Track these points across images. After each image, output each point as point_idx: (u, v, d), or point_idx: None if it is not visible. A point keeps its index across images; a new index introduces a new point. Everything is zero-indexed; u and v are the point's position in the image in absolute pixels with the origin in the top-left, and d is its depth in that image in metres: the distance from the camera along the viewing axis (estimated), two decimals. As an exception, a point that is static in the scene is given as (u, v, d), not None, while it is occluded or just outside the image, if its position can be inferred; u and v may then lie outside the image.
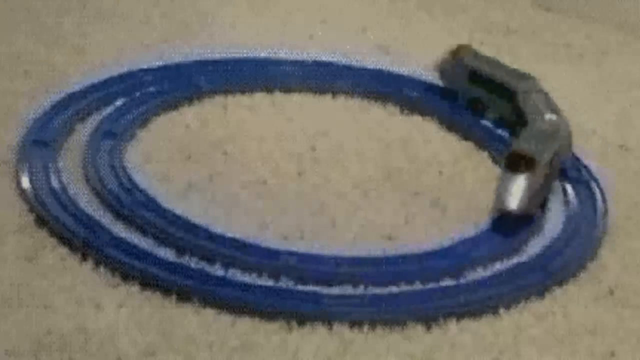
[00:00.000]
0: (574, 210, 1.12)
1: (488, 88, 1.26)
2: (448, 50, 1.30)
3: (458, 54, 1.29)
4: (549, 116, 1.17)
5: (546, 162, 1.09)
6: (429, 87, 1.33)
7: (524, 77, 1.25)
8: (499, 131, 1.25)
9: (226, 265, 0.97)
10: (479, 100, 1.27)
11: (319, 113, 1.27)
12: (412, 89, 1.32)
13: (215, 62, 1.33)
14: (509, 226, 1.07)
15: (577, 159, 1.21)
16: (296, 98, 1.29)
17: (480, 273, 1.01)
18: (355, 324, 0.92)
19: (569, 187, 1.16)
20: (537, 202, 1.09)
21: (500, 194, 1.06)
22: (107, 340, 0.87)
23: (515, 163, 1.07)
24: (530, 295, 0.98)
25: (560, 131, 1.15)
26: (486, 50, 1.46)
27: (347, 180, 1.14)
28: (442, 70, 1.31)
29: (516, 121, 1.20)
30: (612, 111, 1.36)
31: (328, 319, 0.92)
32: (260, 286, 0.96)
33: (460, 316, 0.95)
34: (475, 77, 1.27)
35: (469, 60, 1.28)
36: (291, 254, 0.99)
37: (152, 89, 1.26)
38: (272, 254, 0.99)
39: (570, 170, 1.19)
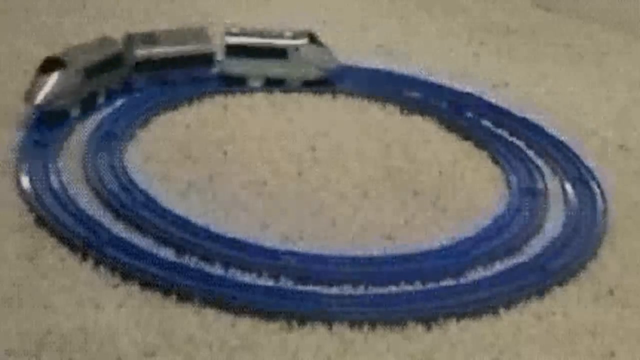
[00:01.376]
0: (574, 210, 1.12)
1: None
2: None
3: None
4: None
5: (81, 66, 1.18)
6: (429, 87, 1.33)
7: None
8: (499, 131, 1.26)
9: (226, 265, 0.97)
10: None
11: (319, 113, 1.27)
12: (412, 89, 1.33)
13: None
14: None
15: (577, 159, 1.21)
16: (296, 98, 1.29)
17: (480, 273, 1.01)
18: (355, 324, 0.92)
19: (569, 187, 1.16)
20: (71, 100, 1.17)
21: (29, 92, 1.15)
22: (107, 340, 0.87)
23: (48, 67, 1.16)
24: (530, 295, 0.98)
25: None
26: (486, 50, 1.47)
27: (347, 180, 1.14)
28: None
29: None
30: (612, 111, 1.36)
31: (328, 319, 0.92)
32: (260, 286, 0.96)
33: (460, 316, 0.94)
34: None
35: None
36: (291, 254, 1.00)
37: (152, 89, 1.26)
38: (272, 254, 0.99)
39: (571, 170, 1.19)
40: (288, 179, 1.13)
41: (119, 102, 1.22)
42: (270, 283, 0.96)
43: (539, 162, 1.20)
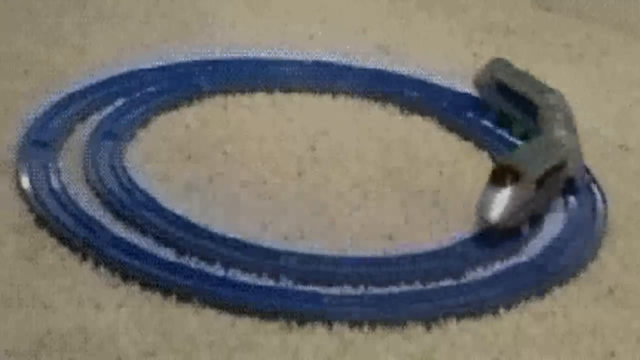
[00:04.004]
0: (574, 210, 1.12)
1: (515, 102, 1.23)
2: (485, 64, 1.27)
3: (492, 68, 1.26)
4: (557, 132, 1.14)
5: (536, 176, 1.06)
6: (429, 87, 1.33)
7: (549, 91, 1.21)
8: (499, 131, 1.25)
9: (226, 265, 0.97)
10: (506, 115, 1.24)
11: (319, 113, 1.27)
12: (412, 89, 1.33)
13: (215, 62, 1.33)
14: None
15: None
16: (296, 98, 1.29)
17: (480, 273, 1.01)
18: (355, 324, 0.92)
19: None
20: (524, 216, 1.05)
21: (483, 206, 1.04)
22: (107, 340, 0.87)
23: (501, 176, 1.04)
24: (530, 295, 0.98)
25: (561, 148, 1.12)
26: (486, 50, 1.46)
27: (347, 180, 1.14)
28: (479, 84, 1.28)
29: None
30: (612, 111, 1.36)
31: (328, 319, 0.92)
32: (260, 286, 0.96)
33: (460, 316, 0.95)
34: (504, 90, 1.23)
35: (498, 73, 1.26)
36: (291, 254, 0.99)
37: (152, 89, 1.26)
38: (272, 254, 0.99)
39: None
40: (288, 179, 1.13)
41: (119, 102, 1.22)
42: (270, 283, 0.96)
43: (539, 162, 1.20)
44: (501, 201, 1.03)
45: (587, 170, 1.16)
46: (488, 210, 1.03)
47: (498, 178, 1.04)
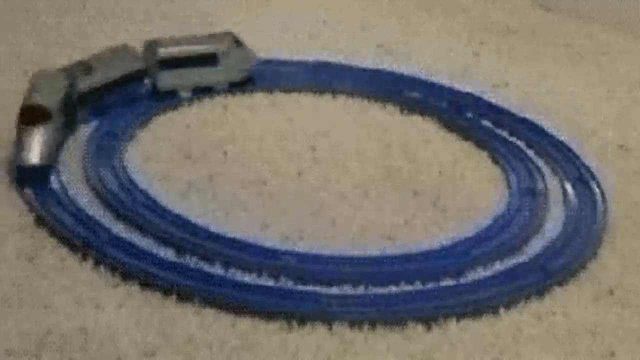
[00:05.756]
0: (574, 210, 1.12)
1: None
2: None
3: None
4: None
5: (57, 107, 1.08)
6: (429, 87, 1.33)
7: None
8: (499, 131, 1.26)
9: (226, 265, 0.97)
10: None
11: (319, 113, 1.27)
12: (412, 89, 1.33)
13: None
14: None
15: (577, 159, 1.21)
16: (296, 98, 1.29)
17: (480, 273, 1.01)
18: (355, 324, 0.92)
19: (569, 187, 1.16)
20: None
21: (19, 151, 1.05)
22: (107, 340, 0.87)
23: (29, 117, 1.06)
24: (530, 295, 0.98)
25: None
26: (486, 50, 1.47)
27: (347, 180, 1.14)
28: None
29: None
30: (612, 111, 1.36)
31: (328, 319, 0.92)
32: (260, 286, 0.96)
33: (460, 316, 0.95)
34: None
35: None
36: (291, 254, 1.00)
37: (152, 89, 1.26)
38: (272, 254, 0.99)
39: (571, 170, 1.19)
40: (288, 179, 1.13)
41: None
42: (270, 283, 0.96)
43: (539, 162, 1.20)
44: (36, 142, 1.05)
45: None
46: (27, 154, 1.04)
47: (26, 119, 1.05)
